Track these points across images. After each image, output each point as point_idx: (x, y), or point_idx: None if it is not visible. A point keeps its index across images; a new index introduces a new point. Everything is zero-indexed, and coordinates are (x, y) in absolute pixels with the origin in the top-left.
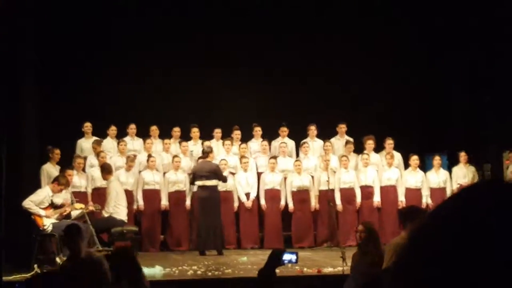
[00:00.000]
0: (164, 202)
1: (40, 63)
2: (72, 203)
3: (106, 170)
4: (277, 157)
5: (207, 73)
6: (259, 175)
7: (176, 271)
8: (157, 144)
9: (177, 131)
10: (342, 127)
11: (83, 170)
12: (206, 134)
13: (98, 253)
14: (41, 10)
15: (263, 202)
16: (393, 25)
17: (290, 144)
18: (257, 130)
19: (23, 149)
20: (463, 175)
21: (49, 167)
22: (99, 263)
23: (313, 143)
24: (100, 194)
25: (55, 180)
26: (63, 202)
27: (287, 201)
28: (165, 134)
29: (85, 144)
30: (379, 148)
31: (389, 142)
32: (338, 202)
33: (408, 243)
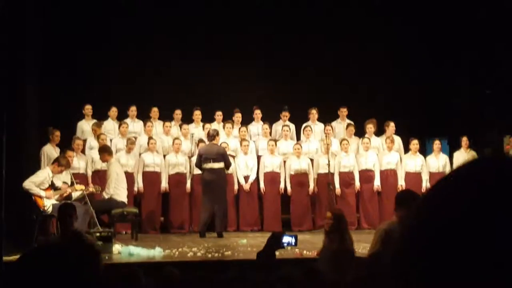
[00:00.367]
0: (164, 184)
1: (41, 44)
2: (72, 185)
3: (106, 151)
4: (278, 140)
5: (209, 56)
6: (259, 158)
7: (176, 253)
8: (158, 126)
9: (178, 113)
10: (343, 111)
11: (83, 152)
12: (207, 117)
13: (91, 237)
14: None
15: (262, 185)
16: (396, 15)
17: (291, 127)
18: (257, 113)
19: (23, 130)
20: (464, 160)
21: (49, 149)
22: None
23: (315, 127)
24: (100, 176)
25: (55, 161)
26: (63, 183)
27: (286, 184)
28: (166, 117)
29: (86, 126)
30: (379, 132)
31: (391, 125)
32: (337, 185)
33: (400, 233)
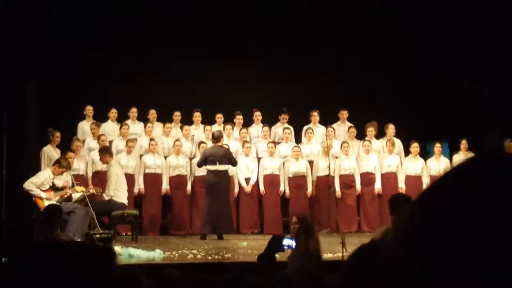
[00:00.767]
0: (165, 186)
1: (41, 45)
2: (72, 186)
3: (107, 153)
4: (279, 142)
5: (209, 57)
6: (259, 160)
7: (176, 255)
8: (158, 128)
9: (177, 115)
10: (344, 113)
11: (82, 153)
12: (207, 119)
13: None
14: None
15: (262, 187)
16: (396, 15)
17: (291, 129)
18: (257, 115)
19: (23, 131)
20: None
21: (49, 150)
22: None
23: (316, 129)
24: (100, 178)
25: (56, 162)
26: (64, 184)
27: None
28: (166, 118)
29: (86, 127)
30: (380, 134)
31: (390, 128)
32: (337, 188)
33: (393, 234)
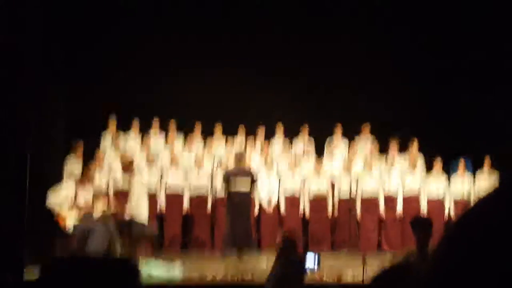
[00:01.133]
0: (186, 205)
1: (68, 57)
2: (94, 203)
3: (129, 169)
4: (300, 156)
5: (228, 70)
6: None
7: (196, 274)
8: (179, 141)
9: (198, 126)
10: (366, 127)
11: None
12: (227, 131)
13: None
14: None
15: (283, 209)
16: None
17: (312, 143)
18: (279, 127)
19: (48, 142)
20: (487, 179)
21: (72, 162)
22: None
23: (338, 143)
24: (121, 196)
25: (78, 176)
26: (86, 201)
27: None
28: (187, 129)
29: (109, 140)
30: (401, 149)
31: (414, 143)
32: (358, 211)
33: (429, 263)
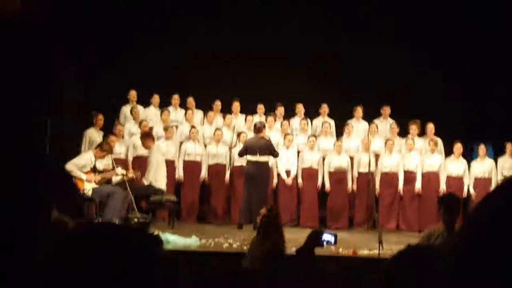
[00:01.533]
0: (204, 174)
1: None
2: (113, 169)
3: (148, 138)
4: (318, 136)
5: (251, 48)
6: (298, 153)
7: (212, 243)
8: (198, 115)
9: (218, 104)
10: (386, 110)
11: (122, 137)
12: (245, 109)
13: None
14: None
15: (300, 180)
16: (449, 15)
17: (331, 123)
18: (299, 107)
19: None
20: (509, 166)
21: (92, 132)
22: None
23: (358, 124)
24: (140, 162)
25: (98, 145)
26: (105, 167)
27: (324, 180)
28: (207, 106)
29: (128, 111)
30: (421, 133)
31: (430, 127)
32: (377, 185)
33: (456, 244)
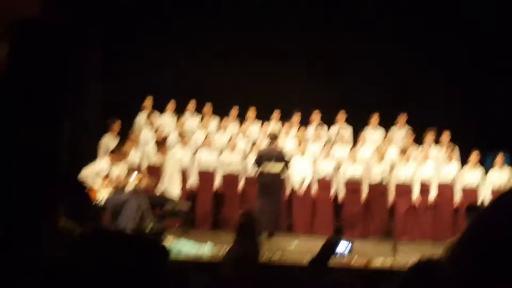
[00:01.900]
0: (217, 183)
1: (107, 37)
2: (127, 177)
3: (162, 145)
4: (334, 143)
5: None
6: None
7: (226, 250)
8: (214, 122)
9: (235, 111)
10: (403, 117)
11: (138, 144)
12: (264, 116)
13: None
14: None
15: (314, 189)
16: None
17: (348, 131)
18: (316, 113)
19: (85, 119)
20: None
21: (109, 139)
22: None
23: (374, 131)
24: (154, 171)
25: (113, 151)
26: (119, 175)
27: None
28: (222, 113)
29: (144, 118)
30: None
31: (445, 135)
32: (392, 196)
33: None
